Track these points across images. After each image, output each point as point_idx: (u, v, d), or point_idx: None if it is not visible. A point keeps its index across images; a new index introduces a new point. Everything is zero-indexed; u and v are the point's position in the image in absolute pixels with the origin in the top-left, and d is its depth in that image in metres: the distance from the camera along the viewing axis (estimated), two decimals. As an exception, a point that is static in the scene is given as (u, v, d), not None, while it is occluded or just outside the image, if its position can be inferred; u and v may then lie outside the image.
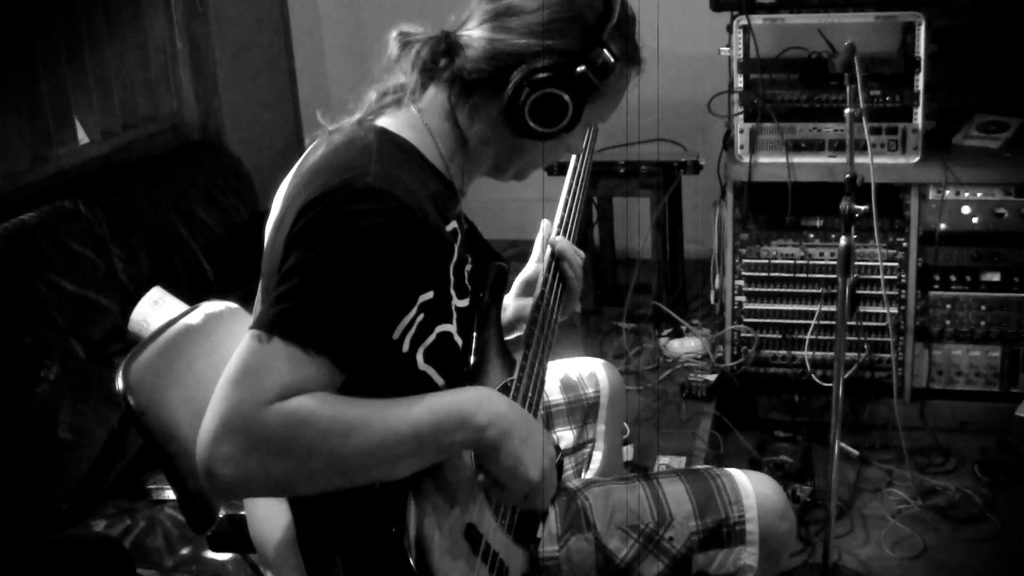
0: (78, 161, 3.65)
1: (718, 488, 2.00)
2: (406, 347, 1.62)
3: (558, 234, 2.08)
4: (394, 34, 1.75)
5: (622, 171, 4.14)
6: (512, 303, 2.12)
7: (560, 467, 1.84)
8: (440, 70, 1.71)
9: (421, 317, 1.62)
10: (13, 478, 2.78)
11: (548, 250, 2.03)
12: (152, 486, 2.94)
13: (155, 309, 3.27)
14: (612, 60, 1.70)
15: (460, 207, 1.77)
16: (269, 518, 1.83)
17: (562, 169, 2.19)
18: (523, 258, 2.19)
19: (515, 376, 1.84)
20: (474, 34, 1.70)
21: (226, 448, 1.42)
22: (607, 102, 1.78)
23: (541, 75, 1.66)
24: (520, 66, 1.66)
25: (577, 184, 2.15)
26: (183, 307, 2.77)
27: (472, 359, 1.78)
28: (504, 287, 1.91)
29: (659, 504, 1.97)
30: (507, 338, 2.00)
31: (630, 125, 4.04)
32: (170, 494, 2.84)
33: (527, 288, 2.11)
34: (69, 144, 3.65)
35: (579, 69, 1.68)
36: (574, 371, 2.37)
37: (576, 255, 2.06)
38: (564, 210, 2.12)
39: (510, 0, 1.70)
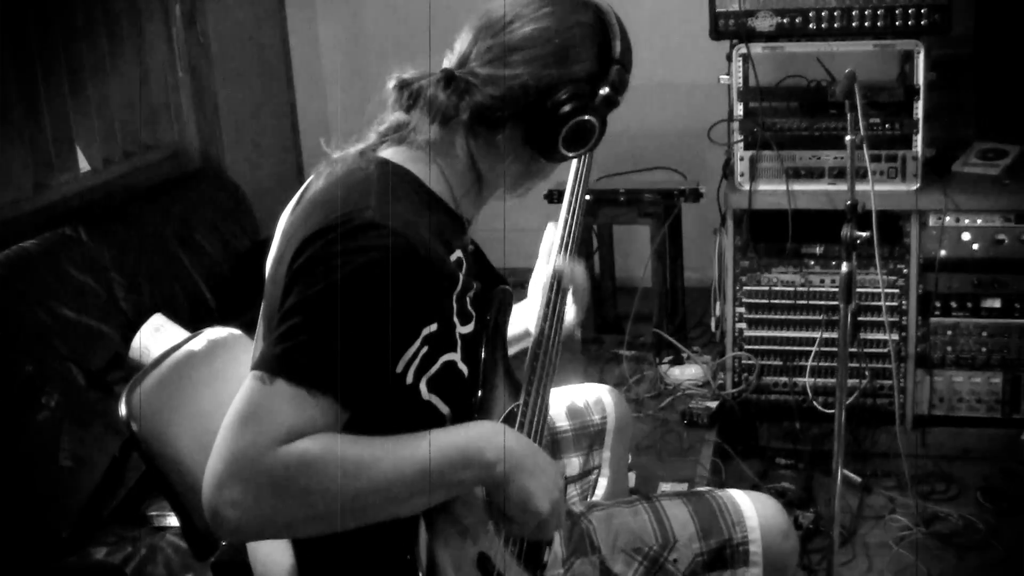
0: (79, 189, 3.66)
1: (721, 509, 1.99)
2: (410, 379, 1.61)
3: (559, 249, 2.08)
4: (392, 83, 1.73)
5: (622, 199, 4.15)
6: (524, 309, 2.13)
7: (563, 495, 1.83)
8: (456, 113, 1.70)
9: (425, 349, 1.61)
10: (14, 505, 2.77)
11: (549, 273, 2.03)
12: (153, 513, 2.92)
13: (156, 336, 3.27)
14: (626, 76, 1.73)
15: (468, 236, 1.77)
16: (270, 547, 1.82)
17: (561, 196, 2.20)
18: (524, 286, 2.19)
19: (520, 401, 1.84)
20: (484, 72, 1.68)
21: (233, 492, 1.41)
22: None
23: (570, 106, 1.67)
24: (543, 99, 1.67)
25: (577, 195, 2.14)
26: (184, 334, 2.77)
27: (478, 386, 1.77)
28: (509, 311, 1.91)
29: (663, 526, 1.97)
30: (513, 351, 2.01)
31: (631, 153, 4.08)
32: (171, 521, 2.84)
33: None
34: (70, 172, 3.66)
35: (603, 92, 1.70)
36: (580, 398, 2.36)
37: (574, 272, 2.05)
38: (564, 227, 2.12)
39: (515, 35, 1.69)
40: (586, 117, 1.69)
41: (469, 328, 1.73)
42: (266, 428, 1.42)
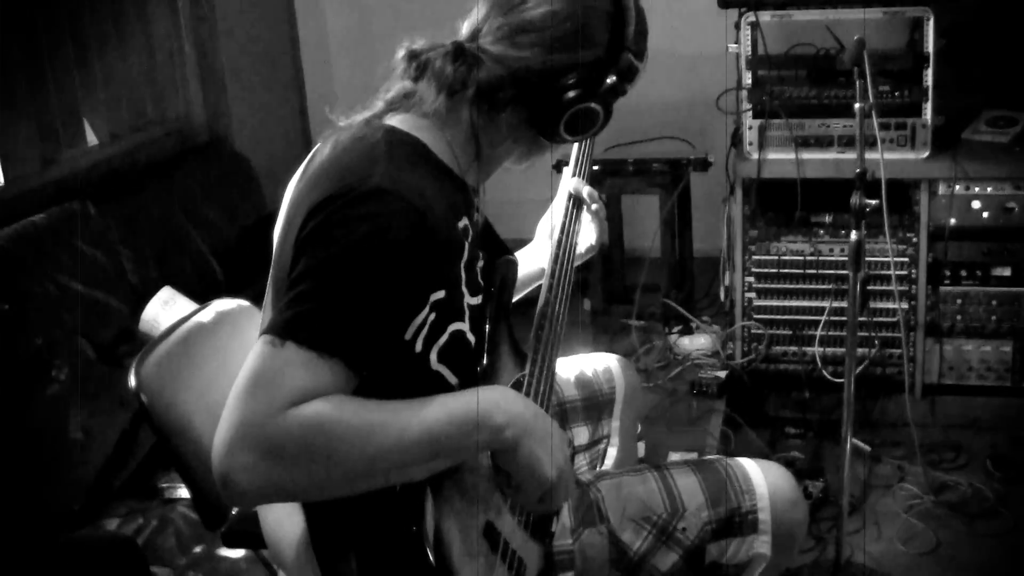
0: (87, 163, 3.66)
1: (729, 478, 1.99)
2: (419, 347, 1.61)
3: (573, 176, 2.13)
4: (402, 53, 1.72)
5: (630, 169, 4.14)
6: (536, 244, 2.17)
7: (570, 466, 1.84)
8: (463, 87, 1.69)
9: (433, 316, 1.60)
10: (25, 478, 2.79)
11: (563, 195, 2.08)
12: (164, 485, 2.94)
13: (165, 309, 3.28)
14: (636, 64, 1.71)
15: (477, 203, 1.77)
16: (281, 516, 1.82)
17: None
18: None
19: (526, 371, 1.84)
20: (493, 50, 1.67)
21: (243, 456, 1.40)
22: None
23: (574, 92, 1.67)
24: (550, 83, 1.67)
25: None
26: (193, 307, 2.78)
27: (485, 356, 1.77)
28: (514, 282, 1.91)
29: (671, 495, 1.97)
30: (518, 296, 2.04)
31: (639, 123, 4.06)
32: (182, 493, 2.86)
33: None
34: (78, 146, 3.67)
35: (610, 80, 1.69)
36: (589, 367, 2.36)
37: (592, 191, 2.11)
38: (577, 154, 2.17)
39: (527, 15, 1.67)
40: (591, 104, 1.69)
41: (478, 299, 1.73)
42: (277, 391, 1.42)
